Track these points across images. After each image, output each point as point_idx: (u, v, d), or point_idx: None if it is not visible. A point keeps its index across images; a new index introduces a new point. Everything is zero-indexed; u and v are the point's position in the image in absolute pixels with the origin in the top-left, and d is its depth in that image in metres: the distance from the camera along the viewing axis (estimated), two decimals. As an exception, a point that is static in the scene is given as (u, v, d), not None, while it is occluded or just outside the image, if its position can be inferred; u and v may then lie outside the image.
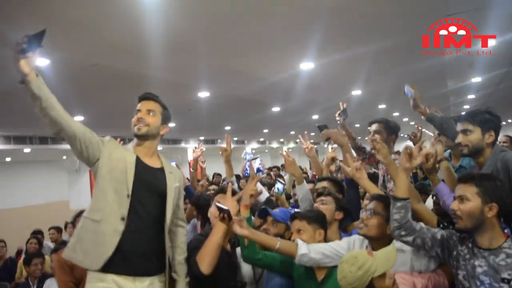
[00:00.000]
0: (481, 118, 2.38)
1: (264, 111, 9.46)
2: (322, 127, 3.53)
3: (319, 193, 2.98)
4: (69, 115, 2.06)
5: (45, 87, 1.91)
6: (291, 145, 23.97)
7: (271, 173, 9.10)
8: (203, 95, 6.70)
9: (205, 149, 4.89)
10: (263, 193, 3.97)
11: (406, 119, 15.89)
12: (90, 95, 6.05)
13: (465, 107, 13.53)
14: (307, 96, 7.97)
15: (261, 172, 3.65)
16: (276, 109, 9.34)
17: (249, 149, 20.22)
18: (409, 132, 3.73)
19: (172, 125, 2.09)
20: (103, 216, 2.13)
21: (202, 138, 15.94)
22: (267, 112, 9.68)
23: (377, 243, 2.23)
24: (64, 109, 2.03)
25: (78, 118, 7.71)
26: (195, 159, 4.76)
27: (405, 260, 2.19)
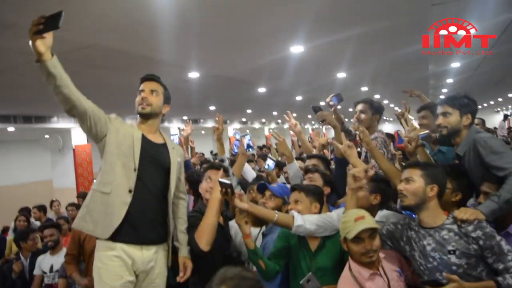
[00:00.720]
0: (460, 102, 2.59)
1: (250, 91, 9.54)
2: (317, 109, 3.68)
3: (307, 170, 3.19)
4: (80, 93, 2.17)
5: (60, 66, 2.00)
6: (272, 125, 24.12)
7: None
8: (193, 75, 6.76)
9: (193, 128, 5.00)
10: (250, 172, 4.16)
11: (387, 102, 16.22)
12: (80, 74, 6.07)
13: (443, 90, 13.88)
14: (294, 78, 8.08)
15: (251, 149, 3.81)
16: (262, 90, 9.43)
17: (231, 129, 20.34)
18: (396, 112, 3.94)
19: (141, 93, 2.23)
20: (112, 189, 2.27)
21: (186, 117, 15.94)
22: (252, 93, 9.76)
23: None
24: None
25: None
26: (185, 137, 4.88)
27: None
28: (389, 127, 34.56)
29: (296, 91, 10.73)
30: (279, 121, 24.14)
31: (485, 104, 21.69)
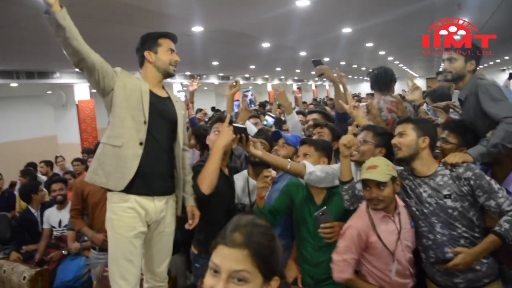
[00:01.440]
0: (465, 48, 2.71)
1: (254, 46, 9.42)
2: (317, 62, 3.62)
3: (316, 124, 3.22)
4: (88, 46, 2.17)
5: (69, 18, 2.00)
6: (275, 81, 23.96)
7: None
8: (197, 29, 6.68)
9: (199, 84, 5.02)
10: (251, 127, 4.23)
11: (391, 58, 16.03)
12: (84, 28, 6.01)
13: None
14: (299, 33, 7.96)
15: (253, 105, 3.84)
16: (266, 45, 9.32)
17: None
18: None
19: (172, 53, 2.21)
20: (124, 142, 2.31)
21: (188, 73, 15.85)
22: (256, 48, 9.64)
23: None
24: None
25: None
26: (191, 92, 4.91)
27: None
28: (392, 84, 34.36)
29: (301, 46, 10.57)
30: (282, 77, 23.96)
31: (491, 62, 21.35)
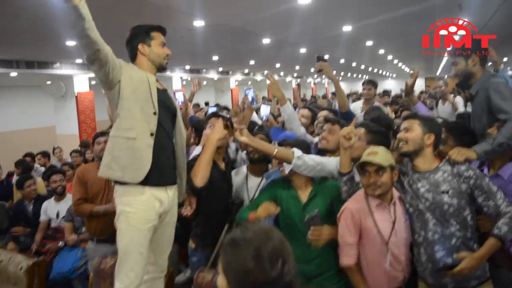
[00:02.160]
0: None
1: (254, 42, 9.43)
2: (320, 58, 3.61)
3: (327, 120, 3.15)
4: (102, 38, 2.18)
5: (87, 8, 2.01)
6: (275, 77, 23.93)
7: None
8: (198, 24, 6.68)
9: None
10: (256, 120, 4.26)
11: (391, 57, 16.06)
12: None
13: (449, 48, 13.71)
14: (299, 30, 7.99)
15: (255, 103, 3.87)
16: (267, 41, 9.33)
17: (234, 80, 20.24)
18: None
19: (164, 47, 2.22)
20: (137, 133, 2.31)
21: (188, 67, 15.85)
22: (257, 44, 9.65)
23: None
24: (59, 33, 2.14)
25: (71, 43, 7.66)
26: (192, 93, 5.04)
27: None
28: (392, 83, 34.44)
29: (301, 43, 10.60)
30: (282, 73, 23.96)
31: (490, 63, 21.47)
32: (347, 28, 8.20)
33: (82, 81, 11.97)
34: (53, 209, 4.64)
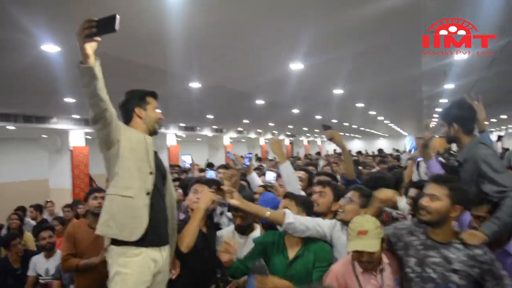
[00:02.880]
0: (446, 114, 2.87)
1: (248, 102, 9.73)
2: (327, 127, 3.69)
3: (319, 182, 3.19)
4: None
5: (100, 69, 2.07)
6: (268, 135, 24.30)
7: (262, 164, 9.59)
8: (194, 85, 6.92)
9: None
10: (256, 180, 4.29)
11: (382, 118, 16.43)
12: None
13: (437, 109, 14.08)
14: (292, 92, 8.27)
15: (237, 164, 3.98)
16: (260, 102, 9.62)
17: (227, 138, 20.47)
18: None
19: (158, 111, 2.30)
20: (135, 192, 2.34)
21: (183, 124, 16.08)
22: (251, 104, 9.95)
23: None
24: (59, 90, 2.19)
25: (69, 100, 7.86)
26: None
27: None
28: (383, 142, 34.94)
29: (294, 104, 10.91)
30: (275, 132, 24.30)
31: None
32: (338, 91, 8.48)
33: (78, 136, 12.10)
34: (42, 266, 4.56)
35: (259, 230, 3.11)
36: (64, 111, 10.16)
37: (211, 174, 4.62)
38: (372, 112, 13.85)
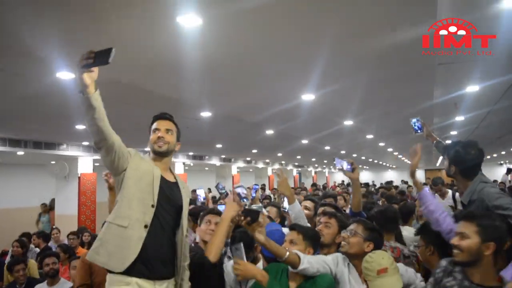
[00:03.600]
0: (448, 152, 2.85)
1: (258, 133, 9.75)
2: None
3: (324, 213, 3.14)
4: (111, 128, 2.25)
5: (100, 99, 2.10)
6: (276, 166, 24.23)
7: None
8: (205, 114, 6.97)
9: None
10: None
11: (391, 149, 16.38)
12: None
13: (447, 142, 14.02)
14: (302, 124, 8.31)
15: (246, 200, 3.78)
16: (270, 132, 9.63)
17: (235, 167, 20.43)
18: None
19: (158, 131, 2.29)
20: (130, 223, 2.29)
21: (191, 153, 16.10)
22: (260, 134, 9.96)
23: (357, 260, 2.47)
24: (70, 117, 2.19)
25: (80, 127, 7.91)
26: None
27: None
28: (392, 174, 34.68)
29: (303, 135, 10.91)
30: (283, 162, 24.24)
31: (488, 157, 21.79)
32: (348, 123, 8.50)
33: (87, 163, 12.13)
34: (44, 292, 4.50)
35: (261, 262, 3.03)
36: (74, 138, 10.22)
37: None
38: (381, 144, 13.81)
